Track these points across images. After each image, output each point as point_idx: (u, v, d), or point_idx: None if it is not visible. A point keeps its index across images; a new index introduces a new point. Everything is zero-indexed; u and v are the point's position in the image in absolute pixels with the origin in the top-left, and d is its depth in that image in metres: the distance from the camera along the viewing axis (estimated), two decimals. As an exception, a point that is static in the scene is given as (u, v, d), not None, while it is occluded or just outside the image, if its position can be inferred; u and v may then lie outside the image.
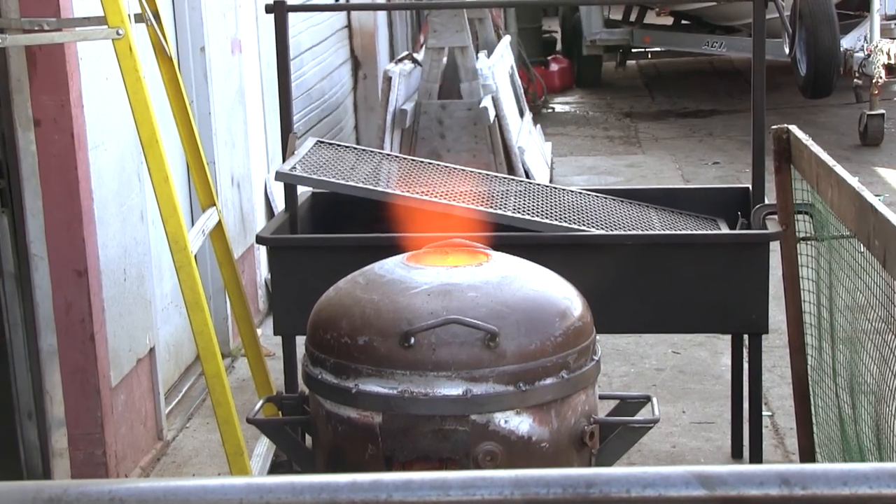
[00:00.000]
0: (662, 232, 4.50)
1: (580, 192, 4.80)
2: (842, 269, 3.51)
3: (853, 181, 3.27)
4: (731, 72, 14.22)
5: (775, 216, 4.14)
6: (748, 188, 4.76)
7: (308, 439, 2.93)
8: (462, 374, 2.60)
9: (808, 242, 3.97)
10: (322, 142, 4.92)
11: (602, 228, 4.37)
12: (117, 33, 3.72)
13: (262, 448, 4.66)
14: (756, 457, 4.44)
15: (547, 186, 4.87)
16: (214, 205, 4.44)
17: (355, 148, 5.02)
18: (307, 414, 2.87)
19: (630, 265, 4.25)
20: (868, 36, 10.21)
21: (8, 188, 4.24)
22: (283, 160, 4.61)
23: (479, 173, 4.91)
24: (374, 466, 2.64)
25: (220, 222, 4.45)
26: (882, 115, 10.21)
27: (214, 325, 4.03)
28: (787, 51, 10.33)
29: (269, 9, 4.69)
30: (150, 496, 1.40)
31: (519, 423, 2.64)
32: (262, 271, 6.59)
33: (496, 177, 4.93)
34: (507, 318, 2.64)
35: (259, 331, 5.80)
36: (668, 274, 4.25)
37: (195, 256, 3.95)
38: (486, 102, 7.48)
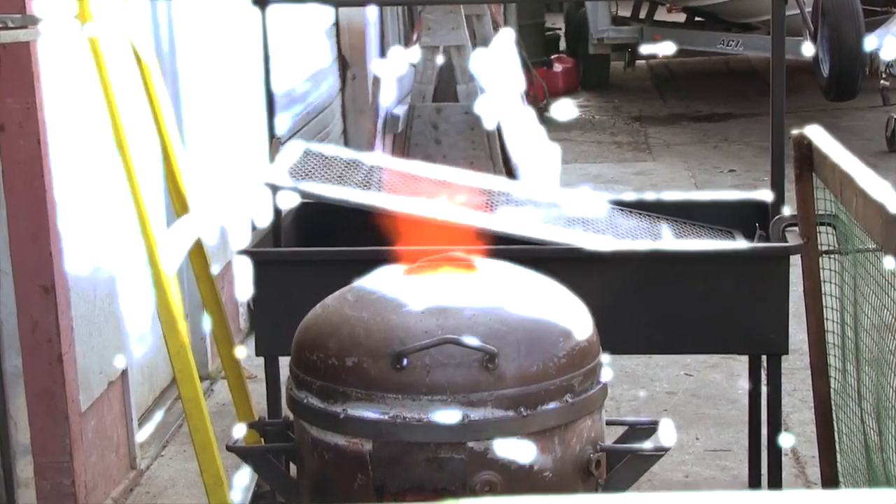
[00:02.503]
0: (674, 245, 4.51)
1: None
2: (867, 285, 3.52)
3: (879, 190, 3.27)
4: (748, 72, 14.25)
5: (796, 228, 4.15)
6: (766, 198, 4.76)
7: (292, 468, 2.93)
8: (458, 397, 2.61)
9: (832, 256, 3.97)
10: (308, 148, 4.93)
11: (609, 241, 4.37)
12: (88, 31, 3.73)
13: (244, 478, 4.65)
14: (775, 487, 4.44)
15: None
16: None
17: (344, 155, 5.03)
18: (291, 441, 2.87)
19: (639, 280, 4.25)
20: None
21: (-31, 198, 4.25)
22: (267, 168, 4.62)
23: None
24: (364, 497, 2.64)
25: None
26: (910, 118, 10.23)
27: (192, 346, 4.02)
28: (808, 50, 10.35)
29: (253, 1, 4.70)
30: (122, 529, 1.41)
31: (520, 450, 2.65)
32: (244, 287, 6.59)
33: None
34: (507, 337, 2.65)
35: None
36: (680, 290, 4.25)
37: (171, 271, 3.95)
38: (485, 105, 7.49)
